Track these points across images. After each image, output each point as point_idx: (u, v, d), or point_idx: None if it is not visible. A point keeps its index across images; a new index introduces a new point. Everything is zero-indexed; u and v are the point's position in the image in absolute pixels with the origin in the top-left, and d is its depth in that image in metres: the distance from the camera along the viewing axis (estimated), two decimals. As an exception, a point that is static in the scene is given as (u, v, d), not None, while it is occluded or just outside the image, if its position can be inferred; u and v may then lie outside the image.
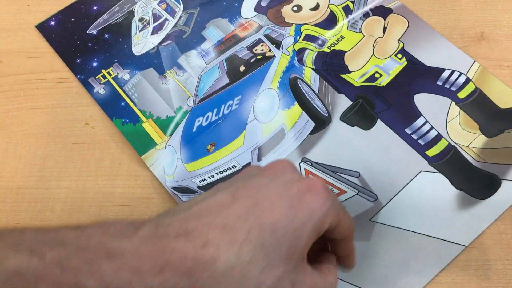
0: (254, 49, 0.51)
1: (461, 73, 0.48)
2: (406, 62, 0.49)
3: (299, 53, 0.50)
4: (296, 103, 0.48)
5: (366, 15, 0.52)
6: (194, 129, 0.47)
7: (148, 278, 0.24)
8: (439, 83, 0.48)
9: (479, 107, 0.46)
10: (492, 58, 0.49)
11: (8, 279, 0.22)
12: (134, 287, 0.23)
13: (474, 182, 0.43)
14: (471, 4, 0.53)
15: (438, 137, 0.45)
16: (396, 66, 0.49)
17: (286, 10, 0.53)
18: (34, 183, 0.47)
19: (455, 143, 0.44)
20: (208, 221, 0.26)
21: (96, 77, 0.51)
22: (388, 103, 0.47)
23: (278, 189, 0.28)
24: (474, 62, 0.48)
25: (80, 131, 0.49)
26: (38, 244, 0.24)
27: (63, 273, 0.23)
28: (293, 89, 0.48)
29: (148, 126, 0.48)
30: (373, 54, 0.50)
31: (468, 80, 0.47)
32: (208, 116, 0.48)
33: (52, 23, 0.55)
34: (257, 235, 0.26)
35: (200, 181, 0.45)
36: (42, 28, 0.54)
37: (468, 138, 0.45)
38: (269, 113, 0.47)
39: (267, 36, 0.52)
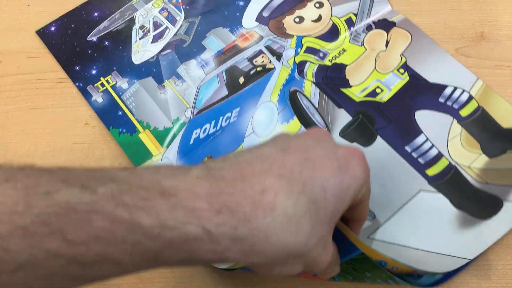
0: (254, 61, 0.50)
1: (463, 90, 0.47)
2: (408, 78, 0.48)
3: (300, 65, 0.50)
4: (295, 117, 0.47)
5: (369, 28, 0.51)
6: (191, 142, 0.47)
7: (204, 219, 0.22)
8: (441, 100, 0.47)
9: (482, 126, 0.45)
10: (492, 58, 0.49)
11: (60, 212, 0.21)
12: (190, 227, 0.22)
13: (475, 203, 0.42)
14: (471, 4, 0.52)
15: (439, 156, 0.44)
16: (398, 82, 0.48)
17: (288, 21, 0.52)
18: (34, 183, 0.47)
19: (456, 162, 0.44)
20: (264, 168, 0.25)
21: (95, 84, 0.51)
22: (388, 120, 0.46)
23: (325, 150, 0.28)
24: (478, 79, 0.47)
25: (80, 131, 0.49)
26: (89, 180, 0.22)
27: (117, 208, 0.22)
28: (292, 102, 0.48)
29: (145, 137, 0.47)
30: (375, 68, 0.49)
31: (471, 98, 0.46)
32: (205, 128, 0.47)
33: (52, 28, 0.54)
34: (311, 189, 0.26)
35: (195, 195, 0.44)
36: (42, 33, 0.54)
37: (469, 158, 0.44)
38: (267, 127, 0.47)
39: (268, 47, 0.51)
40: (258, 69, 0.50)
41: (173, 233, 0.22)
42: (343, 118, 0.47)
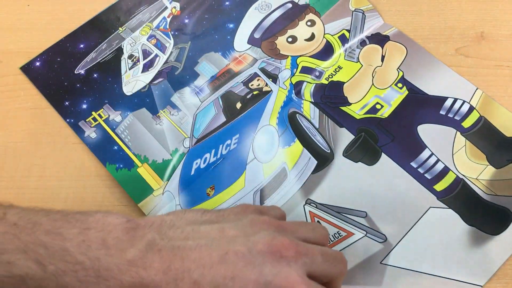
0: (250, 84, 0.49)
1: (464, 101, 0.46)
2: (407, 92, 0.48)
3: (297, 86, 0.49)
4: (296, 140, 0.46)
5: (363, 43, 0.50)
6: (192, 172, 0.45)
7: None
8: (442, 112, 0.46)
9: (485, 137, 0.45)
10: (492, 58, 0.49)
11: (15, 283, 0.27)
12: None
13: (485, 216, 0.41)
14: (471, 4, 0.52)
15: (445, 170, 0.43)
16: (397, 96, 0.47)
17: (281, 41, 0.51)
18: (34, 183, 0.46)
19: (463, 175, 0.43)
20: (189, 268, 0.30)
21: (87, 120, 0.49)
22: (391, 136, 0.45)
23: (261, 272, 0.30)
24: (477, 89, 0.47)
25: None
26: (44, 254, 0.28)
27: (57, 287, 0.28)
28: (292, 124, 0.47)
29: (144, 171, 0.46)
30: (373, 84, 0.48)
31: (472, 108, 0.46)
32: (206, 158, 0.46)
33: (37, 64, 0.52)
34: None
35: (201, 229, 0.43)
36: (27, 69, 0.52)
37: (476, 170, 0.43)
38: (269, 152, 0.46)
39: (262, 69, 0.50)
40: (255, 92, 0.49)
41: None
42: (346, 137, 0.46)
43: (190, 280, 0.29)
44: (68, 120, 0.49)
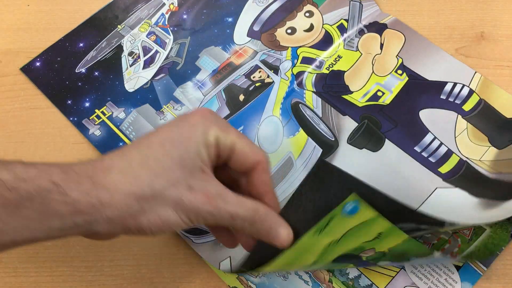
0: (252, 76, 0.50)
1: (463, 85, 0.47)
2: (407, 78, 0.48)
3: (298, 76, 0.49)
4: (300, 129, 0.46)
5: (361, 32, 0.51)
6: (199, 165, 0.45)
7: (54, 175, 0.28)
8: (443, 97, 0.47)
9: (486, 119, 0.45)
10: (492, 58, 0.49)
11: None
12: (41, 180, 0.28)
13: (493, 190, 0.42)
14: (471, 4, 0.53)
15: (449, 153, 0.44)
16: (397, 83, 0.48)
17: (280, 33, 0.52)
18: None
19: (467, 157, 0.44)
20: (111, 152, 0.32)
21: (90, 118, 0.49)
22: (394, 122, 0.46)
23: (173, 120, 0.33)
24: (476, 72, 0.48)
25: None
26: None
27: None
28: (295, 114, 0.47)
29: (151, 166, 0.46)
30: (373, 72, 0.49)
31: (471, 92, 0.47)
32: (212, 150, 0.46)
33: (38, 64, 0.52)
34: (147, 148, 0.31)
35: (211, 220, 0.43)
36: (27, 70, 0.52)
37: (479, 152, 0.44)
38: (274, 142, 0.46)
39: (263, 61, 0.50)
40: (257, 84, 0.49)
41: (27, 185, 0.27)
42: (349, 125, 0.46)
43: (113, 152, 0.31)
44: (71, 118, 0.49)
